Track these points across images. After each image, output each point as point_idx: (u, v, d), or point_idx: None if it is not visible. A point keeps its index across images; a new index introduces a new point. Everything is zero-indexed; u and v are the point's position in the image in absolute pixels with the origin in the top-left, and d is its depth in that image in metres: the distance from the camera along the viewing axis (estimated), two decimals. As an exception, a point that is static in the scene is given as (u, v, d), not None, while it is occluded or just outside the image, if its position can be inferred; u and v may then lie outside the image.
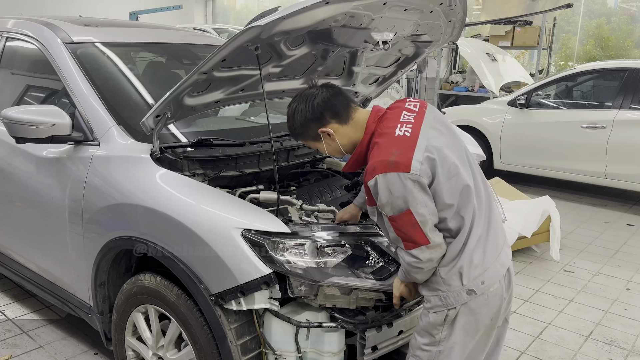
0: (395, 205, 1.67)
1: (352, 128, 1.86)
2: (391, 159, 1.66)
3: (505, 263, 1.85)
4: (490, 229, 1.81)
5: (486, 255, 1.77)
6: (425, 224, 1.68)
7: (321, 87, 1.88)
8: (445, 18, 2.32)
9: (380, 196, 1.67)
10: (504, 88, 8.01)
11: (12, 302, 3.40)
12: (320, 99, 1.83)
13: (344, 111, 1.85)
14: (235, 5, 18.18)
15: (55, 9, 11.94)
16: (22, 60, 3.10)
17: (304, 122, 1.85)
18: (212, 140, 2.34)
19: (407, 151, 1.68)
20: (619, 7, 12.83)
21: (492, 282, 1.77)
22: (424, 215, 1.67)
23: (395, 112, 1.83)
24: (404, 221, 1.67)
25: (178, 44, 3.25)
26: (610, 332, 3.34)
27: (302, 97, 1.87)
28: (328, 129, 1.84)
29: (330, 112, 1.84)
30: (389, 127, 1.77)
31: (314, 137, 1.88)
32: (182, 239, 1.96)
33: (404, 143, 1.71)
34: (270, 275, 1.83)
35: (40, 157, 2.59)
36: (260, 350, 1.95)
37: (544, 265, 4.36)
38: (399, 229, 1.70)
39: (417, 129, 1.75)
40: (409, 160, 1.66)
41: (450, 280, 1.74)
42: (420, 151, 1.69)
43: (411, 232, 1.68)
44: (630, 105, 5.74)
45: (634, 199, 6.37)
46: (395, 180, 1.65)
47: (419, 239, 1.69)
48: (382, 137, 1.76)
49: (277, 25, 1.83)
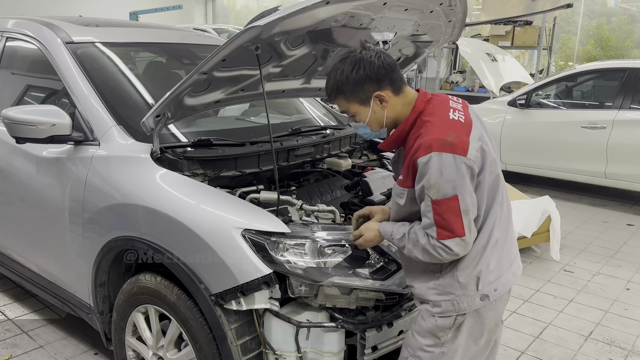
0: (441, 189, 1.58)
1: (402, 102, 1.75)
2: (448, 139, 1.59)
3: (517, 273, 1.82)
4: (508, 235, 1.78)
5: (501, 262, 1.74)
6: (467, 214, 1.61)
7: (379, 51, 1.75)
8: (446, 18, 2.32)
9: (429, 176, 1.58)
10: (504, 88, 8.01)
11: (12, 302, 3.40)
12: (382, 62, 1.70)
13: (400, 82, 1.75)
14: (235, 5, 18.18)
15: (55, 9, 11.94)
16: (22, 60, 3.10)
17: (361, 79, 1.69)
18: (212, 140, 2.34)
19: (463, 135, 1.63)
20: (619, 7, 12.83)
21: (504, 290, 1.75)
22: (468, 204, 1.60)
23: (443, 98, 1.78)
24: (449, 206, 1.59)
25: (178, 44, 3.25)
26: (610, 332, 3.34)
27: (362, 55, 1.71)
28: (383, 93, 1.71)
29: (389, 78, 1.72)
30: (440, 109, 1.71)
31: (364, 99, 1.73)
32: (182, 239, 1.96)
33: (459, 127, 1.65)
34: (270, 275, 1.83)
35: (40, 157, 2.59)
36: (260, 350, 1.95)
37: (544, 265, 4.36)
38: (441, 214, 1.60)
39: (468, 117, 1.71)
40: (465, 144, 1.60)
41: (468, 284, 1.70)
42: (475, 139, 1.64)
43: (452, 220, 1.60)
44: (630, 105, 5.74)
45: (634, 199, 6.37)
46: (449, 161, 1.57)
47: (457, 229, 1.60)
48: (434, 116, 1.68)
49: (277, 25, 1.83)
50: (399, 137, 1.76)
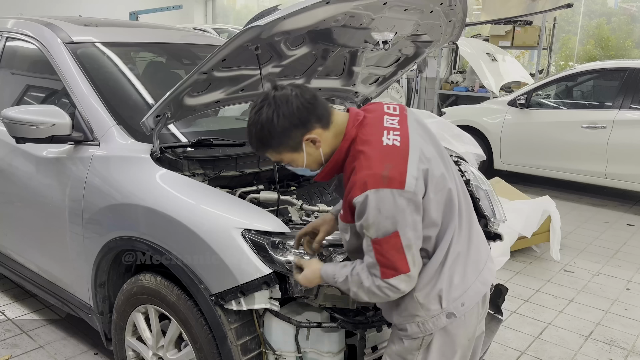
0: (381, 227, 1.48)
1: (334, 132, 1.61)
2: (384, 173, 1.47)
3: (488, 280, 1.71)
4: (472, 244, 1.68)
5: (467, 274, 1.64)
6: (410, 249, 1.51)
7: (293, 87, 1.60)
8: (446, 18, 2.32)
9: (367, 215, 1.48)
10: (504, 88, 8.01)
11: (12, 302, 3.40)
12: (300, 101, 1.56)
13: (326, 114, 1.60)
14: (235, 5, 18.17)
15: (55, 9, 11.94)
16: (22, 60, 3.10)
17: (285, 129, 1.55)
18: (212, 140, 2.34)
19: (400, 164, 1.50)
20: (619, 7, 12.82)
21: (473, 303, 1.65)
22: (410, 239, 1.50)
23: (376, 116, 1.64)
24: (390, 244, 1.49)
25: (178, 44, 3.25)
26: (611, 332, 3.34)
27: (275, 101, 1.56)
28: (314, 135, 1.58)
29: (315, 116, 1.58)
30: (373, 133, 1.58)
31: (294, 146, 1.60)
32: (182, 239, 1.96)
33: (395, 154, 1.52)
34: (270, 275, 1.82)
35: (40, 157, 2.59)
36: (260, 350, 1.94)
37: (544, 265, 4.36)
38: (382, 253, 1.50)
39: (405, 137, 1.57)
40: (402, 175, 1.48)
41: (429, 304, 1.61)
42: (414, 164, 1.52)
43: (395, 258, 1.50)
44: (631, 105, 5.74)
45: (634, 199, 6.37)
46: (387, 197, 1.46)
47: (401, 267, 1.51)
48: (367, 145, 1.55)
49: (277, 25, 1.83)
50: (334, 168, 1.65)
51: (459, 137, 5.44)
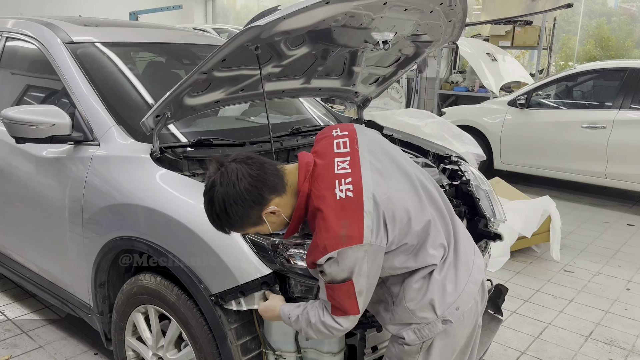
0: (337, 276, 1.52)
1: (291, 194, 1.59)
2: (342, 233, 1.48)
3: (478, 279, 1.73)
4: (459, 248, 1.71)
5: (458, 279, 1.66)
6: (361, 295, 1.55)
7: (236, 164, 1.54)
8: (446, 18, 2.32)
9: (325, 268, 1.51)
10: (504, 88, 8.01)
11: (12, 302, 3.40)
12: (249, 180, 1.51)
13: (278, 180, 1.56)
14: (235, 5, 18.17)
15: (55, 9, 11.94)
16: (22, 60, 3.09)
17: (243, 214, 1.53)
18: (212, 140, 2.34)
19: (356, 219, 1.49)
20: (619, 7, 12.83)
21: (467, 306, 1.68)
22: (362, 286, 1.54)
23: (326, 163, 1.59)
24: (342, 291, 1.53)
25: (178, 44, 3.24)
26: (611, 332, 3.34)
27: (224, 183, 1.51)
28: (272, 207, 1.55)
29: (266, 190, 1.53)
30: (326, 187, 1.54)
31: (255, 222, 1.58)
32: (182, 239, 1.96)
33: (350, 208, 1.50)
34: (270, 275, 1.83)
35: (40, 157, 2.58)
36: (260, 350, 1.95)
37: (544, 265, 4.36)
38: (334, 297, 1.55)
39: (358, 183, 1.53)
40: (360, 230, 1.48)
41: (422, 313, 1.64)
42: (370, 214, 1.50)
43: (345, 302, 1.54)
44: (631, 105, 5.74)
45: (634, 199, 6.36)
46: (347, 254, 1.48)
47: (350, 310, 1.55)
48: (322, 202, 1.52)
49: (277, 25, 1.83)
50: (298, 223, 1.64)
51: (459, 137, 5.44)
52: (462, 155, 2.94)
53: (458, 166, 2.79)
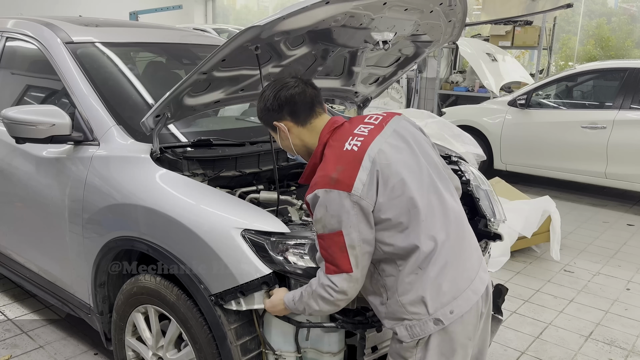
0: (327, 224, 1.59)
1: (308, 133, 1.78)
2: (333, 175, 1.59)
3: (479, 290, 1.71)
4: (463, 253, 1.71)
5: (457, 282, 1.65)
6: (353, 249, 1.59)
7: (297, 81, 1.78)
8: (446, 18, 2.32)
9: (316, 212, 1.61)
10: (504, 88, 8.01)
11: (12, 302, 3.40)
12: (286, 93, 1.75)
13: (302, 113, 1.76)
14: (235, 5, 18.18)
15: (55, 9, 11.94)
16: (22, 60, 3.10)
17: (264, 108, 1.80)
18: (212, 140, 2.34)
19: (351, 168, 1.59)
20: (619, 7, 12.83)
21: (462, 311, 1.65)
22: (353, 240, 1.58)
23: (353, 125, 1.75)
24: (333, 241, 1.59)
25: (178, 44, 3.25)
26: (611, 332, 3.34)
27: (274, 84, 1.79)
28: (282, 124, 1.77)
29: (289, 109, 1.76)
30: (339, 139, 1.69)
31: (271, 126, 1.82)
32: (182, 239, 1.96)
33: (349, 159, 1.62)
34: (270, 275, 1.82)
35: (40, 157, 2.58)
36: (260, 350, 1.94)
37: (544, 265, 4.36)
38: (326, 249, 1.61)
39: (367, 143, 1.65)
40: (351, 179, 1.57)
41: (413, 308, 1.64)
42: (366, 169, 1.59)
43: (337, 255, 1.59)
44: (631, 105, 5.74)
45: (634, 199, 6.36)
46: (334, 197, 1.57)
47: (342, 264, 1.59)
48: (330, 149, 1.69)
49: (277, 25, 1.83)
50: (313, 169, 1.74)
51: (459, 137, 5.44)
52: (462, 155, 2.94)
53: (458, 166, 2.79)
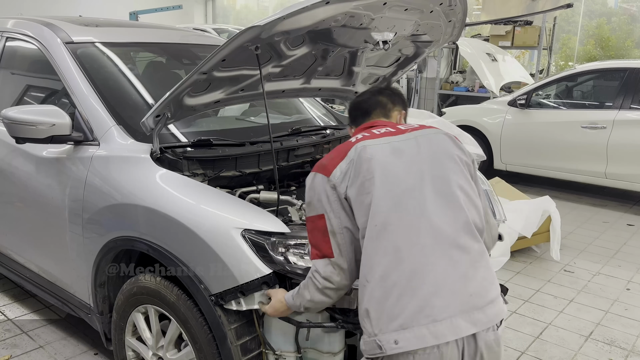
0: (312, 206, 1.65)
1: None
2: (324, 162, 1.68)
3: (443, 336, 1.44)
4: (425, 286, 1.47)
5: (410, 313, 1.44)
6: (334, 235, 1.60)
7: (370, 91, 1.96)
8: (446, 18, 2.32)
9: (306, 193, 1.69)
10: (504, 88, 8.01)
11: (12, 302, 3.40)
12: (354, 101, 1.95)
13: (358, 118, 1.90)
14: (235, 5, 18.17)
15: (55, 9, 11.94)
16: (22, 60, 3.09)
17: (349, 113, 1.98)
18: (212, 140, 2.34)
19: (338, 157, 1.66)
20: (619, 7, 12.83)
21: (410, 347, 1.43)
22: (334, 226, 1.61)
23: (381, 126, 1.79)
24: (316, 225, 1.63)
25: (178, 44, 3.25)
26: (611, 332, 3.34)
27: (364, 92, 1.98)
28: (351, 131, 1.91)
29: (351, 116, 1.94)
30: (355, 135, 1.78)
31: None
32: (182, 239, 1.96)
33: (343, 148, 1.68)
34: (270, 275, 1.83)
35: (40, 157, 2.58)
36: (260, 350, 1.94)
37: (544, 265, 4.36)
38: (311, 231, 1.66)
39: (366, 139, 1.68)
40: (334, 166, 1.63)
41: (362, 319, 1.54)
42: (348, 159, 1.63)
43: (319, 239, 1.63)
44: (631, 105, 5.74)
45: (634, 199, 6.36)
46: (318, 181, 1.65)
47: (324, 248, 1.61)
48: None
49: (277, 25, 1.83)
50: None
51: (459, 137, 5.44)
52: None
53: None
